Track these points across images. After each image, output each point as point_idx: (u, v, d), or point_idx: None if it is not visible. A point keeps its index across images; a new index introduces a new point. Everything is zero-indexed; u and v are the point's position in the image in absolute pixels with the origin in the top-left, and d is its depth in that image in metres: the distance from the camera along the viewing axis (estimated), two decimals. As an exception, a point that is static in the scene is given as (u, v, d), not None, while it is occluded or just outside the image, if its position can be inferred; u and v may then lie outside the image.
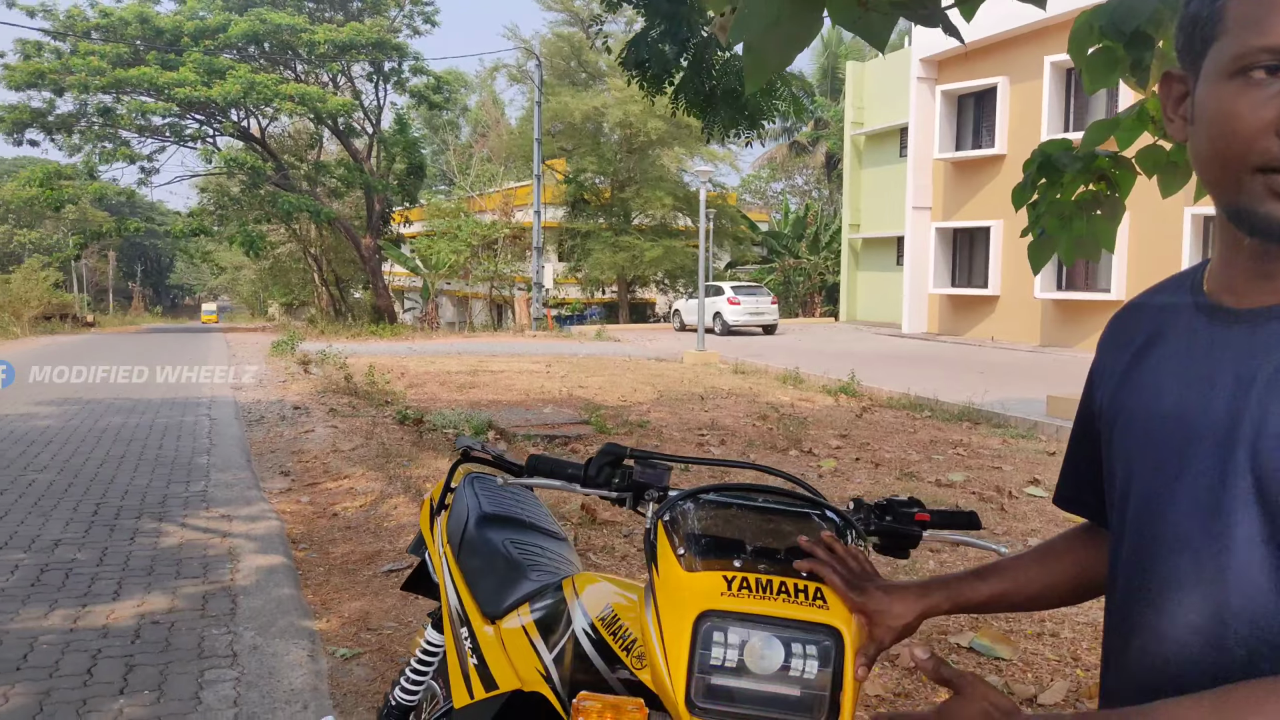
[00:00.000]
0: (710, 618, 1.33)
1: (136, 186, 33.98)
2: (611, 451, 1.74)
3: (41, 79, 29.27)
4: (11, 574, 4.87)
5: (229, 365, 16.42)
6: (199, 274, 63.91)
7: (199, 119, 32.14)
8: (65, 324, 36.32)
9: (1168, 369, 0.99)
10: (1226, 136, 0.87)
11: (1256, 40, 0.84)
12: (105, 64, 28.70)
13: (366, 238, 32.48)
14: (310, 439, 8.72)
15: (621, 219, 33.34)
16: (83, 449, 8.33)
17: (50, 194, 29.46)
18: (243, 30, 29.73)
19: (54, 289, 41.82)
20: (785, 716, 1.30)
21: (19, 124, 30.54)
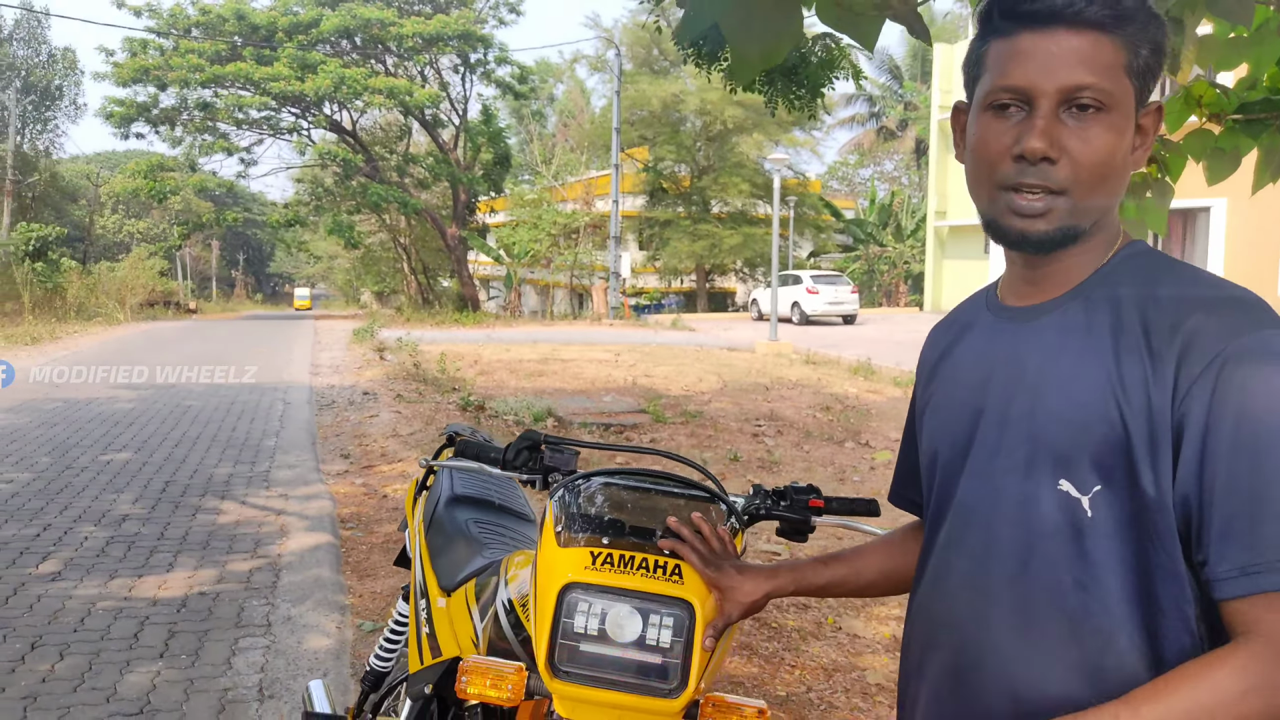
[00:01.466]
0: (574, 589, 1.42)
1: (235, 178, 35.38)
2: (529, 437, 1.84)
3: (146, 75, 30.61)
4: (81, 545, 5.22)
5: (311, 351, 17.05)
6: (297, 262, 66.15)
7: (294, 112, 33.22)
8: (169, 310, 38.05)
9: (965, 361, 1.15)
10: (980, 159, 1.04)
11: (1000, 81, 1.01)
12: (204, 61, 29.87)
13: (452, 227, 33.14)
14: (374, 424, 9.04)
15: (700, 207, 33.28)
16: (160, 430, 8.80)
17: (153, 185, 30.83)
18: (334, 25, 30.57)
19: (160, 277, 43.88)
20: (642, 681, 1.39)
21: (126, 118, 32.00)
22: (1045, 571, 1.00)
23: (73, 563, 4.92)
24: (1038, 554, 1.01)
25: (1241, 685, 0.87)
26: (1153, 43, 1.00)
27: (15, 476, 6.78)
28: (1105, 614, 0.98)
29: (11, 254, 31.12)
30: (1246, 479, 0.89)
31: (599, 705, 1.43)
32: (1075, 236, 1.02)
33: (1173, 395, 0.94)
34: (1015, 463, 1.03)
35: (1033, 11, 0.99)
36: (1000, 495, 1.05)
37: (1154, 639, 0.96)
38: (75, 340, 20.42)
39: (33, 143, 42.20)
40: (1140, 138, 1.05)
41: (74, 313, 28.14)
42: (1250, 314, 0.95)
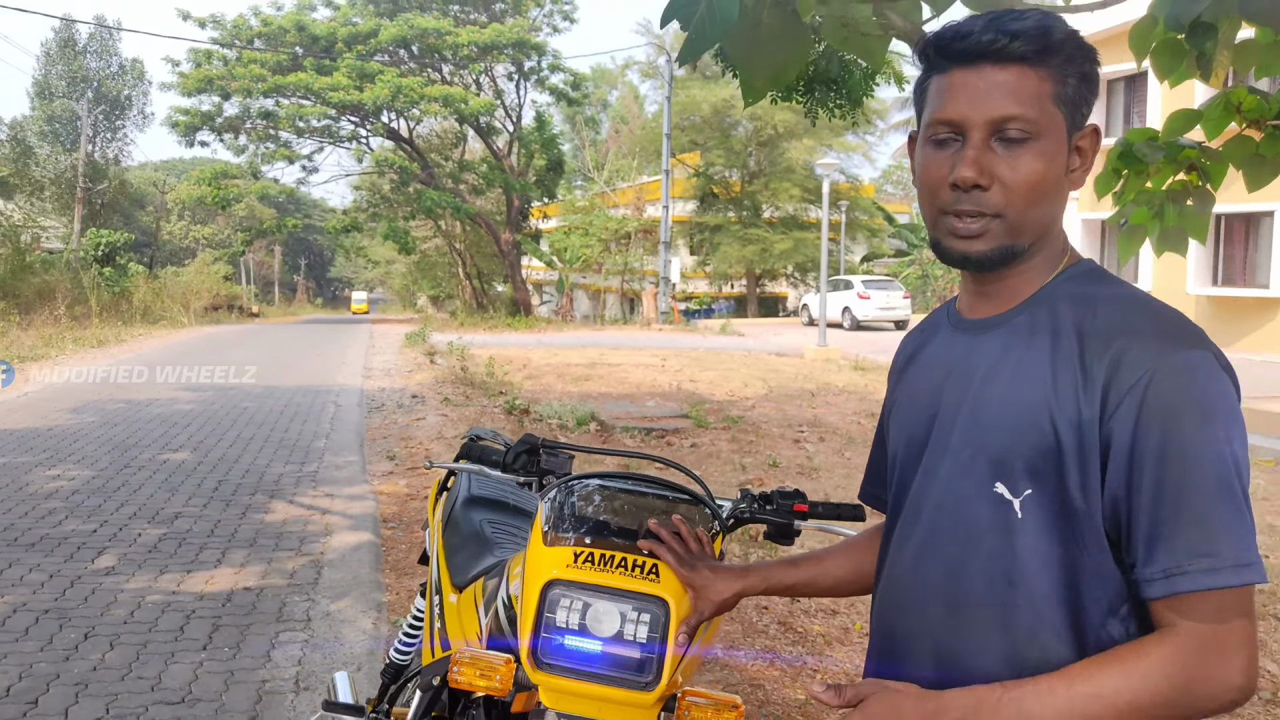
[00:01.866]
0: (557, 585, 1.51)
1: (296, 185, 36.22)
2: (528, 442, 1.92)
3: (210, 85, 31.49)
4: (135, 541, 5.43)
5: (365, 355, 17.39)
6: (356, 267, 67.36)
7: (353, 121, 33.90)
8: (232, 314, 39.02)
9: (925, 367, 1.24)
10: (923, 187, 1.13)
11: (936, 115, 1.10)
12: (265, 71, 30.62)
13: (506, 233, 33.52)
14: (420, 426, 9.22)
15: (751, 212, 33.24)
16: (216, 431, 9.08)
17: (217, 193, 31.71)
18: (392, 35, 31.15)
19: (224, 281, 45.05)
20: (620, 674, 1.47)
21: (191, 127, 32.92)
22: (978, 567, 1.08)
23: (127, 557, 5.12)
24: (972, 550, 1.09)
25: (1161, 673, 0.96)
26: (1080, 72, 1.09)
27: (77, 474, 7.06)
28: (1031, 609, 1.05)
29: (81, 259, 32.22)
30: (1168, 489, 0.97)
31: (579, 696, 1.51)
32: (1015, 255, 1.10)
33: (1101, 409, 1.01)
34: (959, 464, 1.11)
35: (962, 50, 1.07)
36: (945, 493, 1.13)
37: (1078, 634, 1.03)
38: (140, 343, 21.07)
39: (103, 151, 43.58)
40: (1079, 159, 1.11)
41: (140, 316, 29.01)
42: (1176, 335, 1.02)
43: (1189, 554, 0.95)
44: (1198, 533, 0.96)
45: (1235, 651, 0.96)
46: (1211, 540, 0.95)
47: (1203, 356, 1.01)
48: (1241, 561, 0.95)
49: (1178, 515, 0.96)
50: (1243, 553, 0.95)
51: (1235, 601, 0.96)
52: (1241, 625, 0.96)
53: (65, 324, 22.07)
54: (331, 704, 1.85)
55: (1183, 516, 0.96)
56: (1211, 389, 1.00)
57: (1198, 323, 1.06)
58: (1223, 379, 1.01)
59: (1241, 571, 0.95)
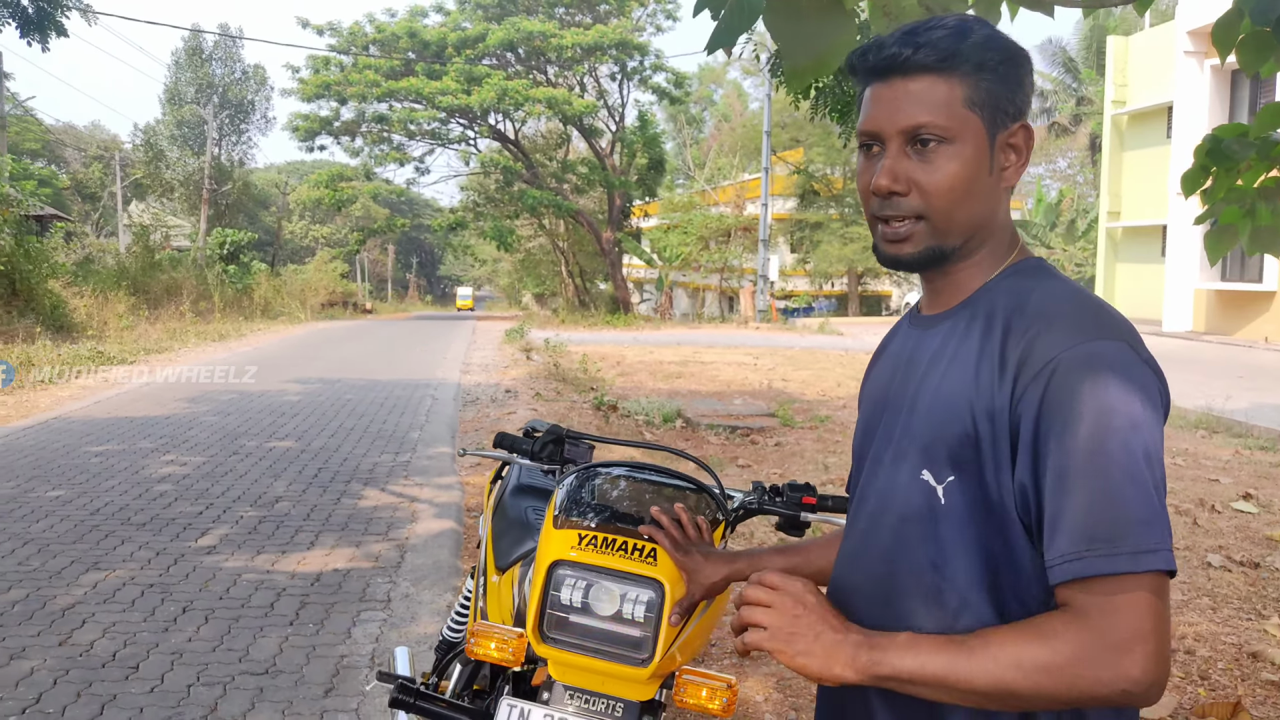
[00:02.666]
0: (562, 565, 1.61)
1: (406, 185, 37.42)
2: (554, 432, 2.03)
3: (327, 90, 32.80)
4: (236, 523, 5.77)
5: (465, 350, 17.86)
6: (464, 265, 69.07)
7: (462, 123, 34.82)
8: (346, 310, 40.53)
9: (884, 362, 1.31)
10: (860, 191, 1.19)
11: (860, 126, 1.16)
12: (379, 76, 31.72)
13: (607, 231, 33.90)
14: (511, 420, 9.46)
15: (853, 209, 32.72)
16: (320, 422, 9.52)
17: (333, 194, 33.04)
18: (499, 39, 31.84)
19: (341, 279, 46.84)
20: (618, 650, 1.56)
21: (310, 131, 34.36)
22: (907, 552, 1.13)
23: (227, 538, 5.45)
24: (902, 536, 1.14)
25: (1058, 648, 0.97)
26: (994, 73, 1.10)
27: (189, 460, 7.52)
28: (954, 593, 1.09)
29: (208, 257, 33.99)
30: (1070, 475, 0.98)
31: (580, 669, 1.60)
32: (944, 255, 1.15)
33: (1011, 398, 1.04)
34: (897, 452, 1.16)
35: (874, 65, 1.13)
36: (884, 481, 1.18)
37: (1000, 618, 1.06)
38: (258, 337, 22.14)
39: (228, 154, 45.85)
40: (1010, 155, 1.15)
41: (260, 312, 30.44)
42: (1088, 325, 1.04)
43: (1087, 539, 0.96)
44: (1096, 518, 0.96)
45: (1135, 642, 0.94)
46: (1111, 526, 0.96)
47: (1114, 346, 1.02)
48: (1141, 548, 0.95)
49: (1078, 501, 0.97)
50: (1144, 539, 0.95)
51: (1139, 590, 0.95)
52: (1144, 616, 0.95)
53: (189, 319, 23.33)
54: (385, 674, 1.99)
55: (1083, 502, 0.97)
56: (1119, 377, 1.00)
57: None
58: (1135, 369, 1.02)
59: (1140, 558, 0.95)
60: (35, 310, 17.18)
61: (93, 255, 28.79)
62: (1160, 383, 1.06)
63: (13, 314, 16.43)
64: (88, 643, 3.92)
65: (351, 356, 17.17)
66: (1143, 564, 0.95)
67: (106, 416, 9.56)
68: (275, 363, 15.75)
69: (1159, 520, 0.97)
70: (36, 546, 5.17)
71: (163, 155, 42.40)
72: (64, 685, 3.53)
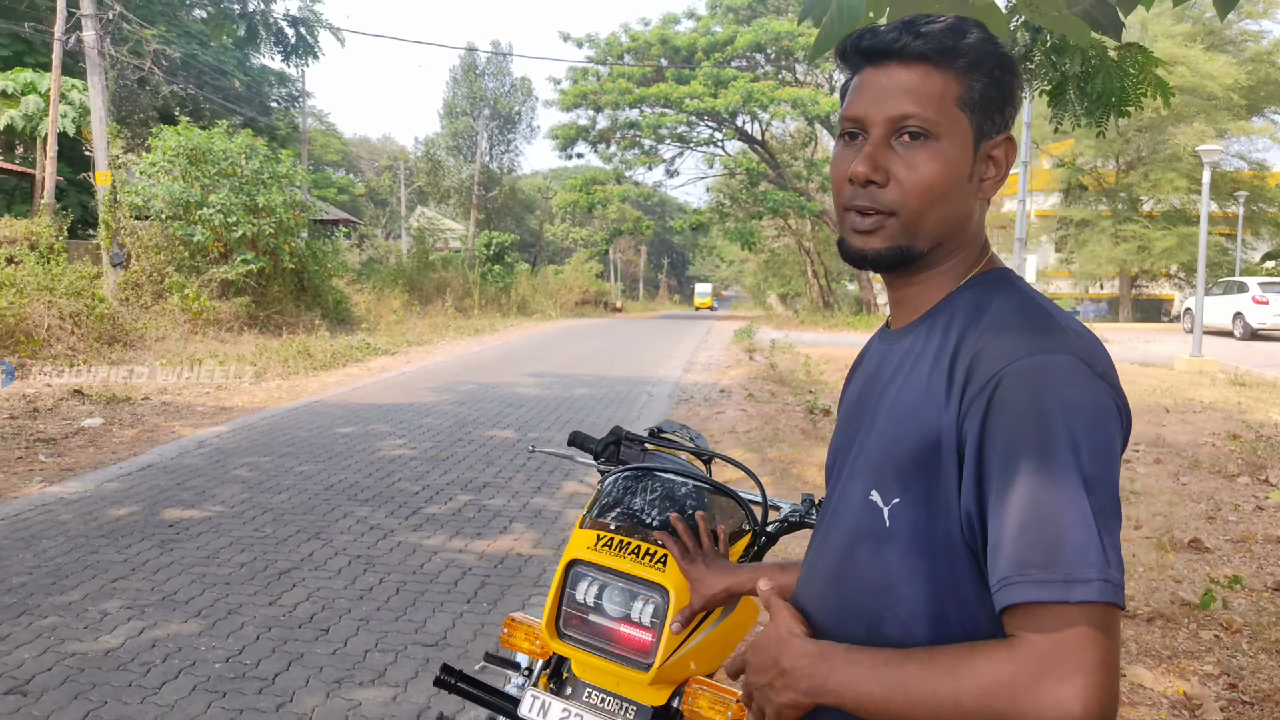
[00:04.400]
0: (578, 565, 1.62)
1: (654, 187, 38.52)
2: (616, 433, 2.04)
3: (584, 99, 34.43)
4: (446, 504, 6.20)
5: (693, 349, 18.13)
6: (710, 266, 70.03)
7: (710, 126, 35.39)
8: (597, 308, 42.30)
9: (857, 378, 1.26)
10: (833, 180, 1.13)
11: (845, 111, 1.11)
12: (631, 84, 32.86)
13: (858, 231, 33.13)
14: (718, 419, 9.51)
15: (1127, 205, 29.95)
16: (541, 414, 10.01)
17: (586, 197, 34.64)
18: (747, 41, 32.07)
19: (596, 279, 48.99)
20: (624, 653, 1.57)
21: (568, 139, 36.22)
22: (853, 573, 1.08)
23: (434, 518, 5.87)
24: (849, 558, 1.09)
25: (994, 677, 0.90)
26: (989, 77, 1.06)
27: (418, 443, 8.16)
28: (898, 623, 1.03)
29: (475, 257, 36.64)
30: (1010, 498, 0.92)
31: (594, 668, 1.61)
32: (910, 257, 1.08)
33: (957, 416, 0.98)
34: (852, 471, 1.12)
35: (870, 49, 1.08)
36: (839, 499, 1.14)
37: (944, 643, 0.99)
38: (510, 333, 23.61)
39: (498, 161, 49.13)
40: (990, 168, 1.09)
41: (516, 309, 32.41)
42: (1034, 339, 0.97)
43: (1021, 565, 0.90)
44: (1029, 543, 0.90)
45: (1073, 674, 0.87)
46: (1044, 551, 0.89)
47: (1062, 360, 0.95)
48: (1074, 577, 0.88)
49: (1014, 524, 0.91)
50: (1080, 568, 0.88)
51: (1078, 622, 0.88)
52: (1085, 647, 0.87)
53: (452, 314, 25.25)
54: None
55: (1019, 525, 0.91)
56: (1065, 393, 0.93)
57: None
58: (1085, 384, 0.95)
59: (1072, 588, 0.87)
60: (320, 305, 19.26)
61: (376, 256, 31.90)
62: (1117, 397, 0.97)
63: (300, 308, 18.52)
64: (292, 604, 4.37)
65: (587, 353, 17.91)
66: (1074, 594, 0.88)
67: (359, 402, 10.57)
68: (517, 357, 16.73)
69: (1096, 548, 0.88)
70: (273, 515, 5.82)
71: (440, 164, 46.16)
72: (264, 641, 3.95)
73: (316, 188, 39.53)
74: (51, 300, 12.38)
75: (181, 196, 16.46)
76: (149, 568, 4.78)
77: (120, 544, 5.15)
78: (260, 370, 12.59)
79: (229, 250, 16.97)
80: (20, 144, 24.76)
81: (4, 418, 8.71)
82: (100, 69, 16.26)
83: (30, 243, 14.69)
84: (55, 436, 8.06)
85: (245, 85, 29.34)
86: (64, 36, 17.08)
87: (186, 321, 15.51)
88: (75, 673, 3.56)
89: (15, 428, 8.30)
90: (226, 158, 17.04)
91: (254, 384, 11.78)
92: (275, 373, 12.71)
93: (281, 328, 17.14)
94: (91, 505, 5.94)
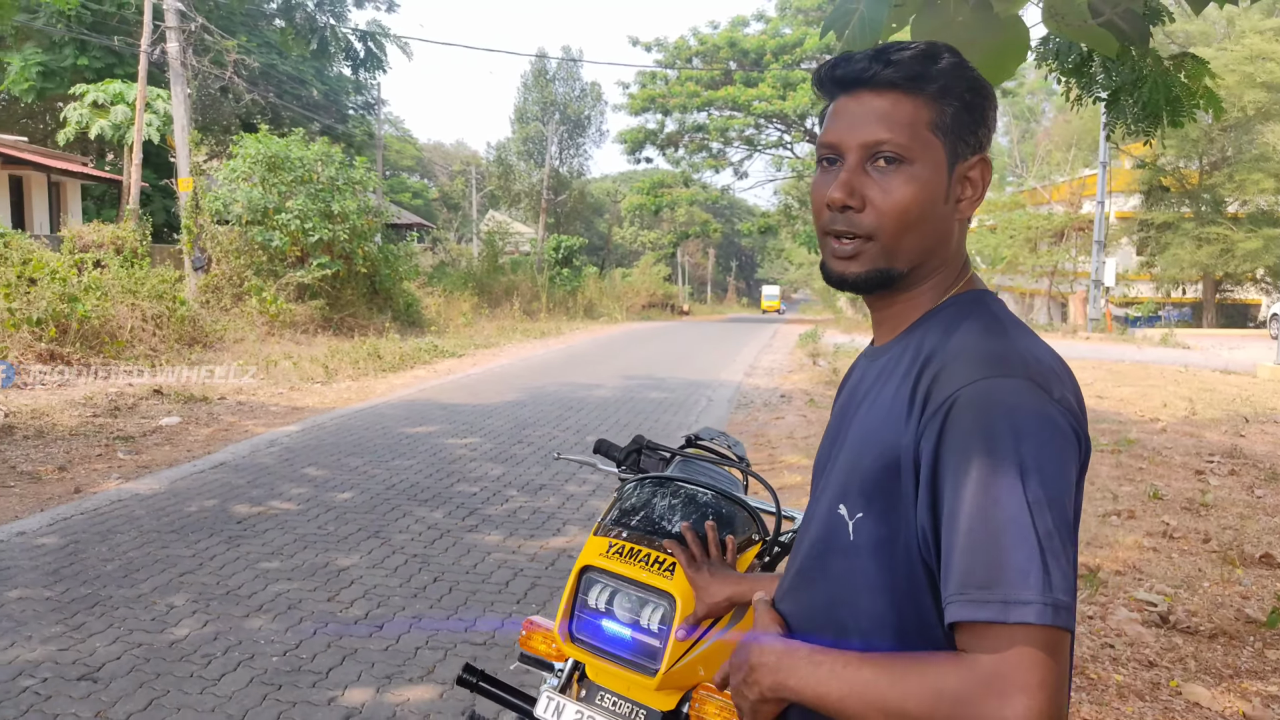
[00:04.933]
0: (590, 570, 1.67)
1: (723, 191, 38.46)
2: (638, 442, 2.08)
3: (652, 103, 34.57)
4: (502, 505, 6.31)
5: (756, 353, 18.05)
6: (779, 269, 69.57)
7: (779, 128, 35.23)
8: (664, 312, 42.33)
9: (845, 393, 1.27)
10: (813, 205, 1.16)
11: (821, 139, 1.15)
12: (699, 87, 32.88)
13: (925, 234, 32.65)
14: (777, 424, 9.47)
15: (1210, 207, 28.89)
16: (599, 416, 10.10)
17: (653, 200, 34.74)
18: (817, 43, 31.80)
19: (663, 282, 49.04)
20: (632, 658, 1.60)
21: (637, 143, 36.41)
22: (822, 582, 1.12)
23: (490, 519, 5.97)
24: (819, 568, 1.13)
25: (940, 687, 0.92)
26: (960, 101, 1.09)
27: (479, 444, 8.30)
28: (859, 629, 1.07)
29: (543, 261, 37.01)
30: (958, 518, 0.95)
31: (605, 672, 1.65)
32: (890, 279, 1.11)
33: (916, 434, 1.01)
34: (826, 483, 1.16)
35: (843, 77, 1.12)
36: (812, 510, 1.18)
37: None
38: (575, 336, 23.80)
39: (567, 165, 49.53)
40: (966, 188, 1.12)
41: (583, 312, 32.63)
42: (990, 361, 1.00)
43: (964, 584, 0.92)
44: (973, 563, 0.92)
45: (1015, 693, 0.88)
46: (986, 572, 0.91)
47: (1012, 383, 0.98)
48: (1012, 599, 0.90)
49: (961, 543, 0.93)
50: (1021, 590, 0.90)
51: (1021, 642, 0.89)
52: (1026, 667, 0.89)
53: (519, 317, 25.55)
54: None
55: (965, 545, 0.93)
56: (1014, 416, 0.95)
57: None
58: (1035, 407, 0.97)
59: (1010, 609, 0.89)
60: (391, 307, 19.69)
61: (448, 260, 32.43)
62: (1072, 422, 0.98)
63: (372, 310, 18.95)
64: (349, 601, 4.50)
65: (649, 356, 17.96)
66: (1012, 615, 0.89)
67: (425, 402, 10.79)
68: (581, 360, 16.87)
69: (1038, 570, 0.90)
70: (335, 513, 5.99)
71: (511, 169, 46.72)
72: (321, 636, 4.08)
73: (391, 192, 40.38)
74: (135, 303, 12.90)
75: (260, 202, 17.01)
76: (216, 562, 4.97)
77: (190, 539, 5.36)
78: (331, 371, 12.92)
79: (305, 255, 17.46)
80: (110, 152, 25.84)
81: (88, 416, 9.11)
82: (183, 79, 16.88)
83: (116, 247, 15.32)
84: (134, 434, 8.40)
85: (323, 94, 30.15)
86: (149, 48, 17.79)
87: (264, 324, 16.00)
88: (141, 662, 3.72)
89: (97, 426, 8.68)
90: (303, 165, 17.54)
91: (325, 385, 12.11)
92: (346, 374, 13.04)
93: (354, 330, 17.57)
94: (165, 501, 6.19)
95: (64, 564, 4.89)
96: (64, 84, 23.69)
